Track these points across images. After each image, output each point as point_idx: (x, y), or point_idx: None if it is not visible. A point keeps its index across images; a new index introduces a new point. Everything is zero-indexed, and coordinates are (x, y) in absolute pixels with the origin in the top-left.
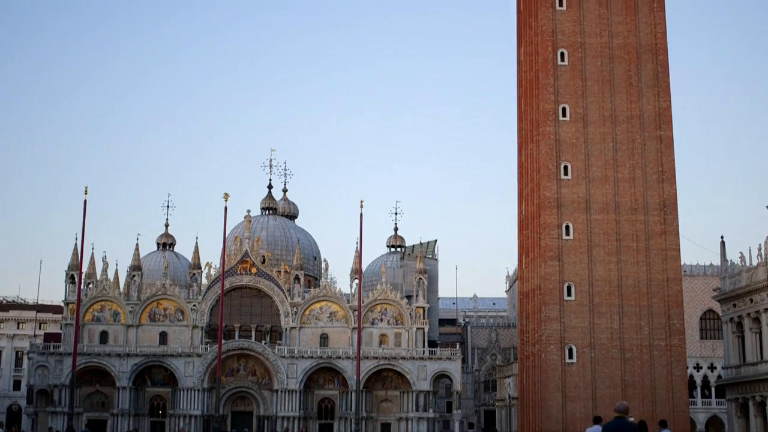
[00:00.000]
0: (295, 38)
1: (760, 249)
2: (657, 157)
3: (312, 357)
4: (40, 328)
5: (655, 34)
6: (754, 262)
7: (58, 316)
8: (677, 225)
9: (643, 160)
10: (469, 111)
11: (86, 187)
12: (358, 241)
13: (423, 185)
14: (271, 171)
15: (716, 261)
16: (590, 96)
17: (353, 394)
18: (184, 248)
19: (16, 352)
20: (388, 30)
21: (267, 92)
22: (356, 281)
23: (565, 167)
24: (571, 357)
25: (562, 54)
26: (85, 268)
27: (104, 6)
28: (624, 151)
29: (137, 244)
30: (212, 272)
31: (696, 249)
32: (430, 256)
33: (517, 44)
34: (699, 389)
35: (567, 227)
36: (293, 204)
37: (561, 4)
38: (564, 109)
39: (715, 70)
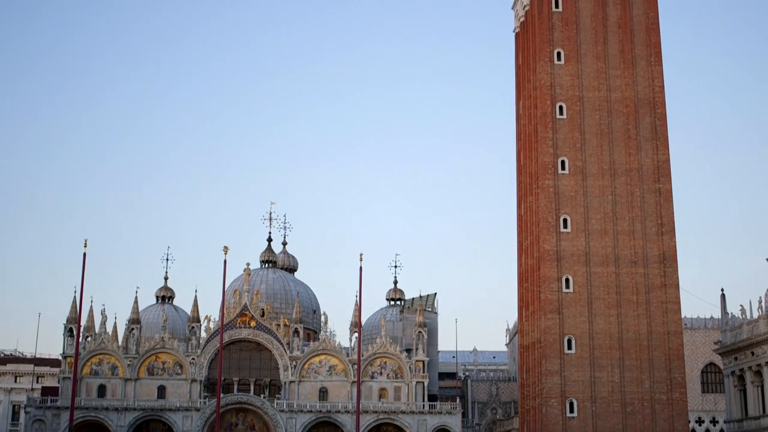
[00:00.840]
0: (294, 93)
1: (760, 302)
2: (656, 210)
3: (311, 411)
4: (37, 382)
5: (653, 87)
6: (755, 315)
7: (56, 370)
8: (677, 278)
9: (642, 213)
10: (469, 164)
11: (86, 240)
12: (358, 294)
13: (422, 238)
14: (270, 224)
15: (717, 314)
16: (589, 149)
17: None
18: (183, 301)
19: (13, 406)
20: (388, 84)
21: (267, 145)
22: (356, 334)
23: (565, 220)
24: (572, 411)
25: (561, 107)
26: (83, 321)
27: (101, 59)
28: (623, 203)
29: (136, 297)
30: (211, 325)
31: (696, 302)
32: (430, 309)
33: (516, 98)
34: None
35: (567, 280)
36: (293, 257)
37: (559, 59)
38: (563, 162)
39: (714, 122)
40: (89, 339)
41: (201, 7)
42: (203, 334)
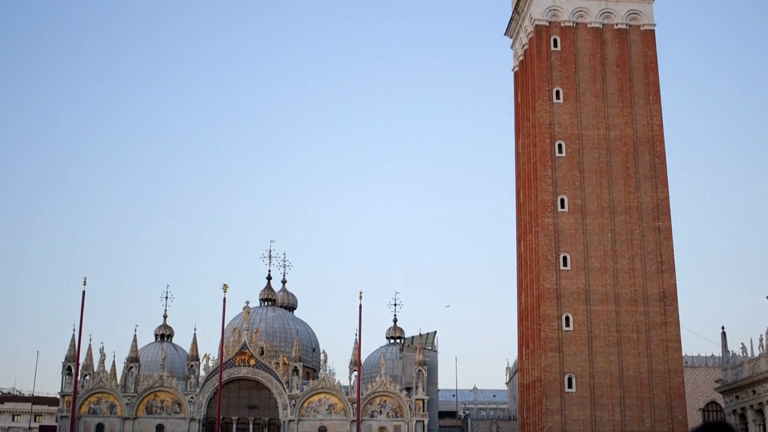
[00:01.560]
0: (293, 131)
1: (761, 340)
2: (656, 248)
3: None
4: (35, 421)
5: (651, 126)
6: (756, 353)
7: (54, 408)
8: (677, 316)
9: (642, 251)
10: (469, 202)
11: (85, 278)
12: (357, 332)
13: (422, 276)
14: (270, 262)
15: (718, 352)
16: (588, 187)
17: None
18: (182, 339)
19: None
20: (387, 122)
21: (266, 183)
22: (355, 373)
23: (564, 258)
24: None
25: (560, 146)
26: (82, 360)
27: (99, 94)
28: (623, 241)
29: (135, 335)
30: (210, 364)
31: (697, 340)
32: (430, 348)
33: (515, 136)
34: None
35: (567, 318)
36: (292, 295)
37: (558, 97)
38: (562, 200)
39: (713, 160)
40: (87, 377)
41: (197, 45)
42: (202, 373)
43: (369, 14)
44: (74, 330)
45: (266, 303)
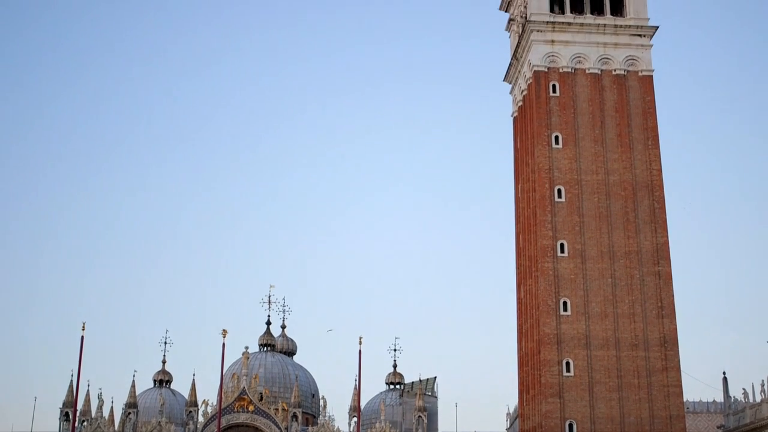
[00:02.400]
0: (292, 175)
1: (763, 385)
2: (656, 293)
3: None
4: None
5: (650, 171)
6: (758, 398)
7: None
8: (678, 361)
9: (642, 296)
10: (468, 247)
11: (83, 323)
12: (357, 378)
13: (422, 321)
14: (269, 307)
15: (719, 397)
16: (588, 232)
17: None
18: (181, 385)
19: None
20: (385, 169)
21: (265, 228)
22: (355, 419)
23: (565, 303)
24: None
25: (560, 191)
26: (80, 405)
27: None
28: (623, 286)
29: (133, 380)
30: (209, 410)
31: (698, 385)
32: (430, 393)
33: (514, 181)
34: None
35: (567, 364)
36: (292, 340)
37: (557, 142)
38: (562, 245)
39: (713, 204)
40: (85, 423)
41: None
42: (201, 419)
43: (366, 59)
44: (72, 375)
45: (265, 348)
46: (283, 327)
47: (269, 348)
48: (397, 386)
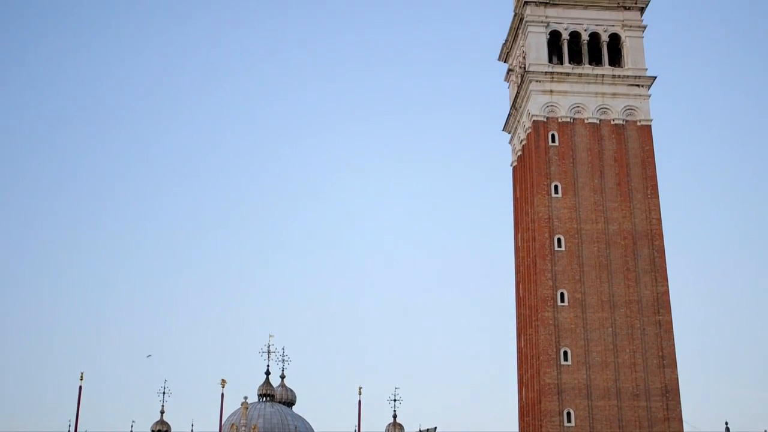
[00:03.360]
0: (291, 223)
1: None
2: (657, 342)
3: None
4: None
5: (650, 220)
6: None
7: None
8: (680, 411)
9: (643, 345)
10: (468, 297)
11: (81, 373)
12: (357, 428)
13: (422, 371)
14: (269, 357)
15: None
16: (588, 281)
17: None
18: None
19: None
20: (384, 220)
21: (265, 277)
22: None
23: (565, 353)
24: None
25: (559, 240)
26: None
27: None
28: (623, 336)
29: (131, 431)
30: None
31: None
32: None
33: (514, 231)
34: None
35: (568, 414)
36: (291, 391)
37: (557, 192)
38: (562, 295)
39: (713, 253)
40: None
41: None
42: None
43: (363, 109)
44: (70, 425)
45: (264, 398)
46: (283, 377)
47: (268, 398)
48: None
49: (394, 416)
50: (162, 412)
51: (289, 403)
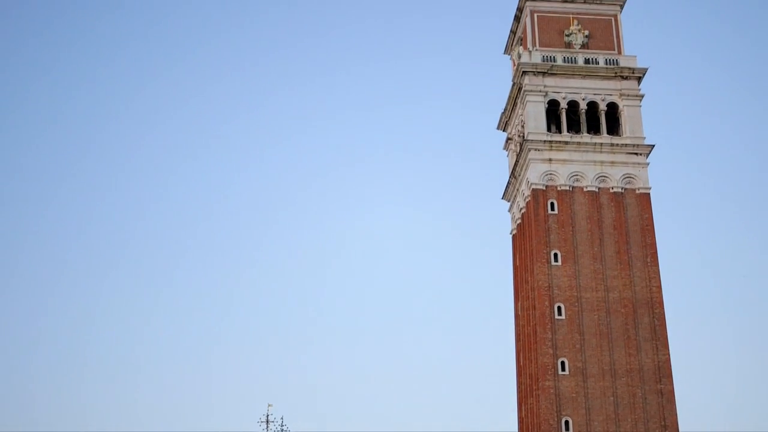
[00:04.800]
0: (290, 285)
1: None
2: (659, 412)
3: None
4: None
5: (650, 288)
6: None
7: None
8: None
9: (645, 415)
10: (468, 366)
11: None
12: None
13: None
14: (267, 427)
15: None
16: (588, 350)
17: None
18: None
19: None
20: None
21: (263, 346)
22: None
23: (566, 422)
24: None
25: (559, 308)
26: None
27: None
28: (625, 405)
29: None
30: None
31: None
32: None
33: (514, 299)
34: None
35: None
36: None
37: (556, 260)
38: (563, 363)
39: (714, 322)
40: None
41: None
42: None
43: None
44: None
45: None
46: None
47: None
48: None
49: None
50: None
51: None
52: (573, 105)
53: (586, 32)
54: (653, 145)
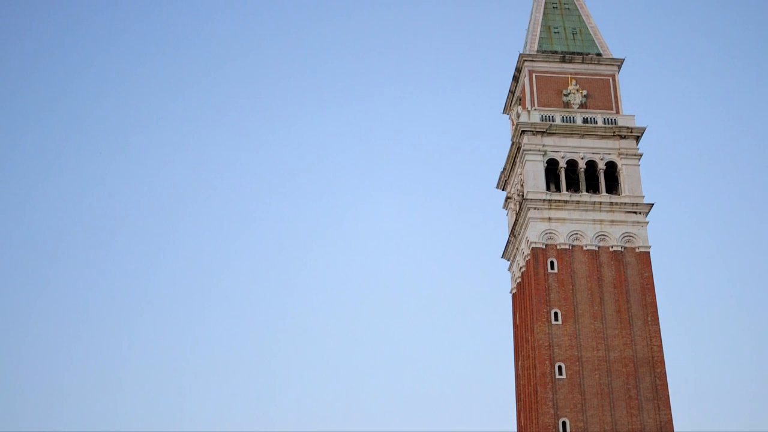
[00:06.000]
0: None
1: None
2: None
3: None
4: None
5: (651, 347)
6: None
7: None
8: None
9: None
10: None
11: None
12: None
13: None
14: None
15: None
16: (590, 410)
17: None
18: None
19: None
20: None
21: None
22: None
23: None
24: None
25: (560, 367)
26: None
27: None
28: None
29: None
30: None
31: None
32: None
33: (514, 358)
34: None
35: None
36: None
37: (557, 319)
38: (564, 424)
39: (716, 381)
40: None
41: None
42: None
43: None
44: None
45: None
46: None
47: None
48: None
49: None
50: None
51: None
52: (572, 164)
53: (585, 92)
54: (652, 204)
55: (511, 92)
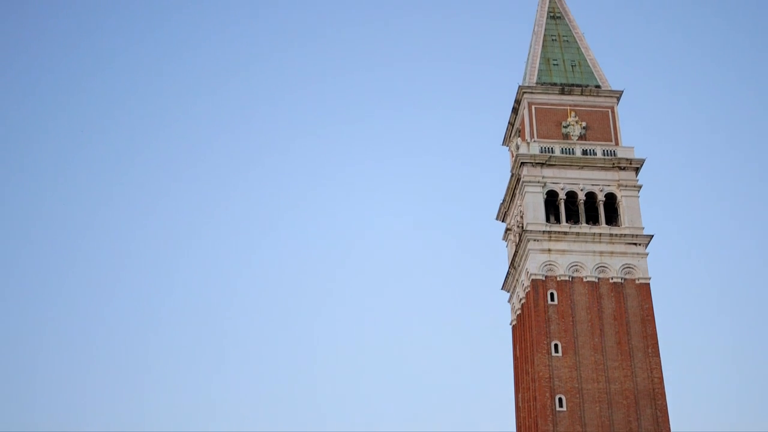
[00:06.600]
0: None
1: None
2: None
3: None
4: None
5: (652, 379)
6: None
7: None
8: None
9: None
10: None
11: None
12: None
13: None
14: None
15: None
16: None
17: None
18: None
19: None
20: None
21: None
22: None
23: None
24: None
25: (560, 400)
26: None
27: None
28: None
29: None
30: None
31: None
32: None
33: (514, 390)
34: None
35: None
36: None
37: (557, 350)
38: None
39: (717, 412)
40: None
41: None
42: None
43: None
44: None
45: None
46: None
47: None
48: None
49: None
50: None
51: None
52: (571, 195)
53: (584, 124)
54: (652, 235)
55: (511, 124)
